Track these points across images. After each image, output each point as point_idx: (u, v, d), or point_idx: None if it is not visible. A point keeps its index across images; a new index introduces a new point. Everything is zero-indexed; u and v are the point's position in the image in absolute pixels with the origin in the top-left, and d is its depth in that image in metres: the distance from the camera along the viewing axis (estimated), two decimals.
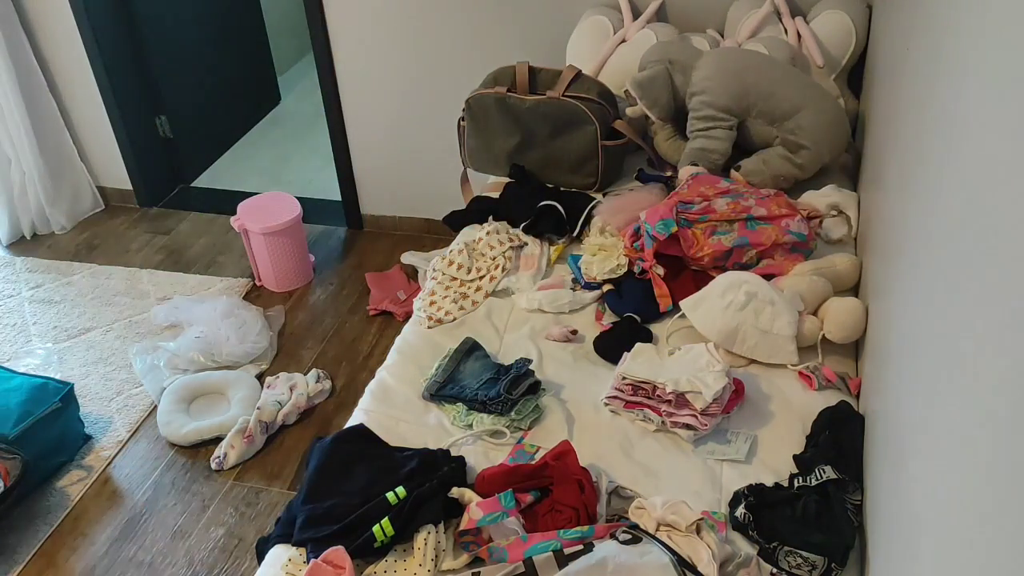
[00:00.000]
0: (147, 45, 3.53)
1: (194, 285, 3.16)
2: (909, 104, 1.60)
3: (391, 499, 1.42)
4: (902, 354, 1.34)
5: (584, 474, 1.45)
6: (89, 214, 3.65)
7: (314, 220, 3.48)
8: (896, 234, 1.54)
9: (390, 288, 3.06)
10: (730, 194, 1.98)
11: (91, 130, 3.53)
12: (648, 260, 1.92)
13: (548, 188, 2.33)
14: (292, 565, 1.42)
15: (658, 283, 1.91)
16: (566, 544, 1.32)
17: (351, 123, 3.22)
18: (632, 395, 1.64)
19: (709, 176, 2.09)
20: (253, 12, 4.25)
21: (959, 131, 1.17)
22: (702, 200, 1.96)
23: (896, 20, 1.94)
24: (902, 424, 1.25)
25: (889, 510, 1.24)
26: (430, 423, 1.69)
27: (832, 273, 1.87)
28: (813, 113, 2.14)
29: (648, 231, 1.91)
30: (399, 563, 1.37)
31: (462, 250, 2.10)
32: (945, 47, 1.35)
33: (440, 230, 3.31)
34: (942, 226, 1.19)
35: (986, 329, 0.91)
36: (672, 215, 1.91)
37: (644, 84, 2.23)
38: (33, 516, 2.29)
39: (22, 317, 3.03)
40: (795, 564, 1.33)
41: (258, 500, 2.31)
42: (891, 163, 1.73)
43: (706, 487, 1.51)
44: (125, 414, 2.60)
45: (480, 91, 2.37)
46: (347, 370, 2.75)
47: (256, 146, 4.18)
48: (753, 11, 2.44)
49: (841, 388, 1.68)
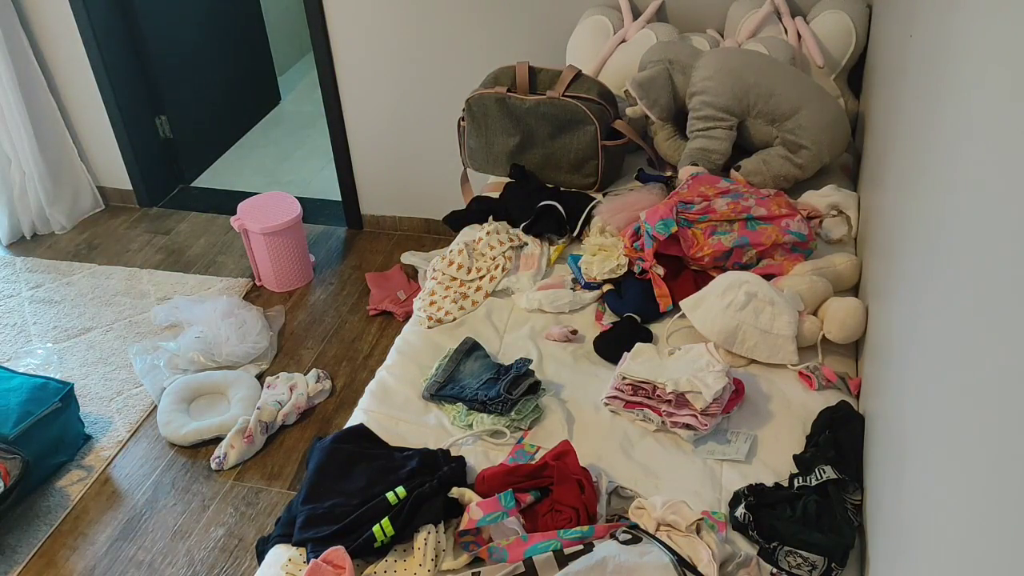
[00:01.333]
0: (147, 45, 3.53)
1: (194, 285, 3.16)
2: (909, 104, 1.60)
3: (391, 499, 1.42)
4: (902, 354, 1.34)
5: (584, 474, 1.45)
6: (89, 214, 3.65)
7: (314, 220, 3.49)
8: (896, 234, 1.54)
9: (390, 288, 3.06)
10: (730, 194, 1.98)
11: (91, 130, 3.53)
12: (648, 260, 1.92)
13: (548, 188, 2.33)
14: (292, 565, 1.42)
15: (658, 283, 1.91)
16: (566, 544, 1.32)
17: (351, 123, 3.22)
18: (632, 395, 1.64)
19: (709, 176, 2.09)
20: (253, 12, 4.25)
21: (959, 131, 1.17)
22: (702, 200, 1.96)
23: (896, 20, 1.94)
24: (902, 424, 1.25)
25: (889, 510, 1.24)
26: (430, 423, 1.69)
27: (832, 273, 1.87)
28: (813, 113, 2.14)
29: (648, 231, 1.91)
30: (399, 563, 1.37)
31: (462, 250, 2.10)
32: (945, 46, 1.34)
33: (440, 230, 3.32)
34: (942, 226, 1.19)
35: (986, 329, 0.91)
36: (672, 215, 1.91)
37: (644, 84, 2.23)
38: (33, 516, 2.29)
39: (22, 317, 3.03)
40: (795, 564, 1.33)
41: (258, 500, 2.31)
42: (891, 163, 1.73)
43: (706, 487, 1.50)
44: (125, 414, 2.60)
45: (480, 91, 2.37)
46: (347, 370, 2.75)
47: (256, 146, 4.18)
48: (753, 11, 2.44)
49: (841, 388, 1.68)
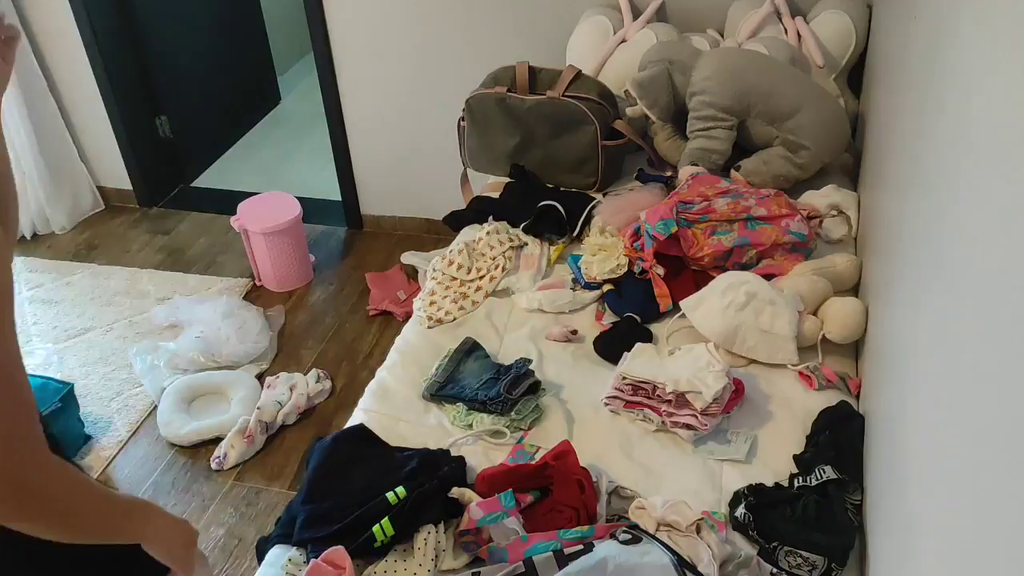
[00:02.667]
0: (147, 45, 3.53)
1: (194, 285, 3.16)
2: (909, 104, 1.60)
3: (391, 499, 1.42)
4: (902, 354, 1.34)
5: (584, 474, 1.45)
6: (89, 214, 3.65)
7: (314, 220, 3.48)
8: (896, 234, 1.54)
9: (390, 288, 3.06)
10: (730, 194, 1.98)
11: (91, 130, 3.53)
12: (648, 260, 1.92)
13: (548, 188, 2.33)
14: (292, 565, 1.42)
15: (658, 283, 1.91)
16: (566, 544, 1.31)
17: (351, 123, 3.22)
18: (632, 395, 1.64)
19: (709, 176, 2.09)
20: (253, 12, 4.25)
21: (960, 130, 1.17)
22: (702, 200, 1.96)
23: (896, 20, 1.94)
24: (902, 424, 1.25)
25: (889, 510, 1.24)
26: (430, 423, 1.69)
27: (832, 273, 1.87)
28: (813, 113, 2.14)
29: (648, 231, 1.91)
30: (399, 563, 1.37)
31: (462, 250, 2.10)
32: (945, 46, 1.34)
33: (440, 230, 3.31)
34: (942, 226, 1.19)
35: (986, 328, 0.91)
36: (672, 215, 1.91)
37: (644, 84, 2.23)
38: None
39: (22, 317, 3.03)
40: (795, 564, 1.33)
41: (258, 500, 2.31)
42: (891, 163, 1.73)
43: (706, 487, 1.50)
44: (125, 414, 2.60)
45: (480, 91, 2.37)
46: (347, 370, 2.75)
47: (256, 146, 4.18)
48: (753, 11, 2.44)
49: (841, 388, 1.68)
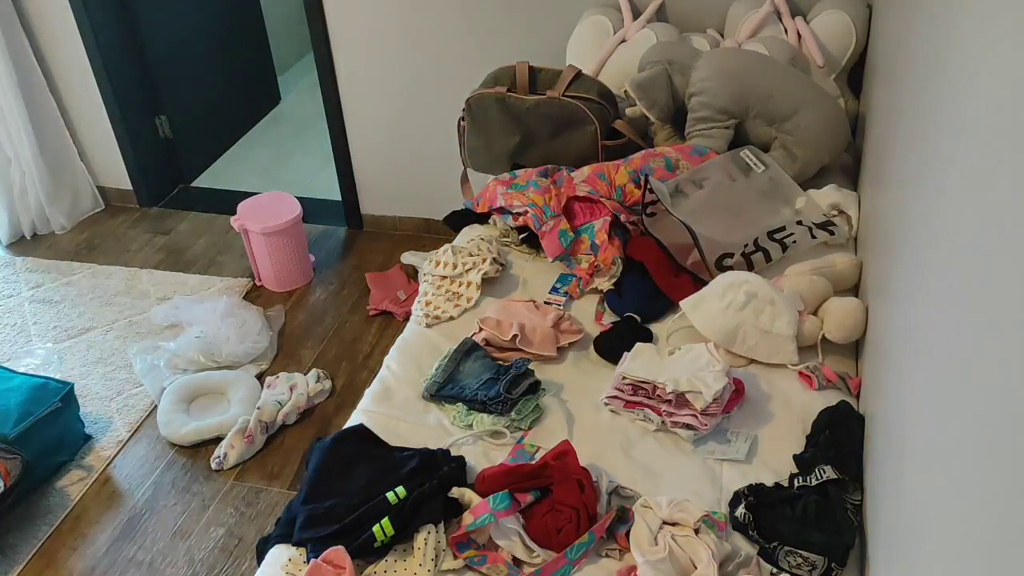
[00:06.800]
0: (147, 45, 3.53)
1: (194, 285, 3.16)
2: (909, 104, 1.60)
3: (391, 499, 1.42)
4: (902, 354, 1.34)
5: (584, 474, 1.45)
6: (89, 214, 3.65)
7: (314, 220, 3.48)
8: (896, 234, 1.54)
9: (390, 288, 3.06)
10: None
11: (91, 130, 3.53)
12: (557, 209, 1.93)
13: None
14: (292, 565, 1.42)
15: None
16: (577, 563, 1.36)
17: (351, 123, 3.22)
18: (632, 395, 1.64)
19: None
20: (253, 12, 4.25)
21: (960, 130, 1.17)
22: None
23: (896, 20, 1.94)
24: (902, 424, 1.25)
25: (889, 510, 1.24)
26: (430, 423, 1.69)
27: (832, 273, 1.87)
28: (812, 114, 2.14)
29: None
30: (399, 563, 1.37)
31: (447, 250, 2.12)
32: (945, 46, 1.34)
33: (440, 230, 3.32)
34: (942, 226, 1.19)
35: (986, 328, 0.91)
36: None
37: (643, 85, 2.23)
38: (33, 516, 2.29)
39: (22, 317, 3.03)
40: (795, 564, 1.33)
41: (258, 500, 2.31)
42: (891, 163, 1.73)
43: (706, 487, 1.50)
44: (125, 414, 2.60)
45: (480, 91, 2.37)
46: (347, 370, 2.75)
47: (256, 146, 4.18)
48: (753, 11, 2.44)
49: (841, 388, 1.68)
